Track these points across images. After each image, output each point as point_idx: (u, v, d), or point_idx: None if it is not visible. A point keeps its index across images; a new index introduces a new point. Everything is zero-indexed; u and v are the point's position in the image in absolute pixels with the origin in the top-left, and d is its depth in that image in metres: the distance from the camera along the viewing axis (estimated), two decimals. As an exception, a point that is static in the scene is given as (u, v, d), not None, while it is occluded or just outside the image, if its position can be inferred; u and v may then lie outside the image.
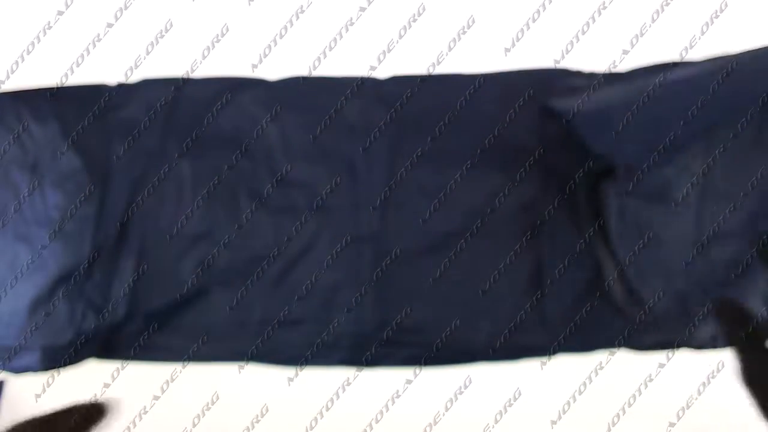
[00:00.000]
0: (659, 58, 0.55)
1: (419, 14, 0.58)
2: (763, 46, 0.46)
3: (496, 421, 0.53)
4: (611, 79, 0.53)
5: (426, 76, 0.54)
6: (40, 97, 0.52)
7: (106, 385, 0.55)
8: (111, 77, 0.56)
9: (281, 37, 0.58)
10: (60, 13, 0.59)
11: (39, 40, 0.58)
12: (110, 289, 0.49)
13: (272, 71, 0.55)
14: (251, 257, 0.50)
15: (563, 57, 0.57)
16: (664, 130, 0.42)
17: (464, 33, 0.58)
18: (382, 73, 0.55)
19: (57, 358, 0.48)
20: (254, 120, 0.52)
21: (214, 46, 0.58)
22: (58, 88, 0.53)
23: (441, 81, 0.54)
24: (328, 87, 0.53)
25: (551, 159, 0.51)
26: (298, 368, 0.52)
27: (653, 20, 0.57)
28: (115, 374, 0.54)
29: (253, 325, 0.49)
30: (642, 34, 0.57)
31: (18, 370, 0.49)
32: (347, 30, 0.58)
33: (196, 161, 0.50)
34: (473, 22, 0.58)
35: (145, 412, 0.54)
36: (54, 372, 0.53)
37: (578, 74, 0.54)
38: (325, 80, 0.54)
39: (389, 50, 0.57)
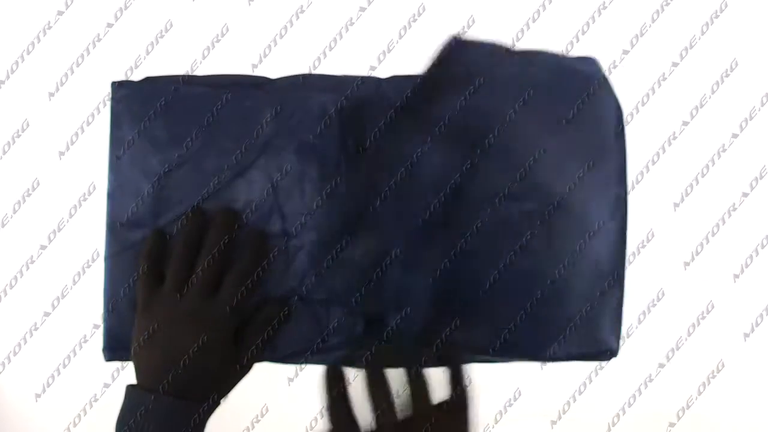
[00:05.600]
0: (659, 58, 0.55)
1: (419, 14, 0.58)
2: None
3: (496, 421, 0.53)
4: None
5: (426, 76, 0.54)
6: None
7: (106, 385, 0.55)
8: (111, 77, 0.56)
9: (281, 37, 0.58)
10: (60, 13, 0.59)
11: (39, 40, 0.59)
12: None
13: (272, 71, 0.56)
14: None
15: (563, 57, 0.57)
16: None
17: (464, 33, 0.58)
18: (382, 73, 0.55)
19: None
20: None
21: (214, 46, 0.58)
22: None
23: (441, 81, 0.54)
24: (329, 86, 0.53)
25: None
26: (299, 367, 0.52)
27: (653, 20, 0.57)
28: (115, 374, 0.54)
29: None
30: (642, 34, 0.57)
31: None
32: (347, 30, 0.58)
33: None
34: (473, 22, 0.58)
35: (145, 412, 0.54)
36: (55, 372, 0.54)
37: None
38: (326, 79, 0.54)
39: (389, 50, 0.57)
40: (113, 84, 0.50)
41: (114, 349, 0.46)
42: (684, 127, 0.58)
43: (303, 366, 0.51)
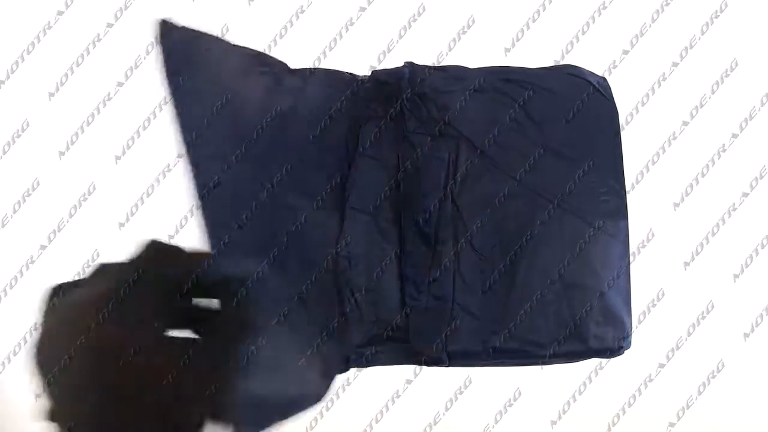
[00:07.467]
0: (659, 58, 0.55)
1: (419, 14, 0.58)
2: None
3: (496, 421, 0.53)
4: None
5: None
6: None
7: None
8: (111, 77, 0.56)
9: (281, 37, 0.58)
10: (60, 13, 0.59)
11: (39, 40, 0.58)
12: None
13: (272, 71, 0.56)
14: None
15: (563, 57, 0.57)
16: None
17: (464, 33, 0.58)
18: (382, 73, 0.55)
19: None
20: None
21: (214, 46, 0.58)
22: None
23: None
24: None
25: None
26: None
27: (653, 20, 0.57)
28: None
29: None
30: (642, 34, 0.57)
31: None
32: (347, 30, 0.58)
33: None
34: (473, 22, 0.58)
35: (145, 412, 0.54)
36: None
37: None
38: (331, 75, 0.54)
39: (389, 50, 0.57)
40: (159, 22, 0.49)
41: None
42: (684, 127, 0.58)
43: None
